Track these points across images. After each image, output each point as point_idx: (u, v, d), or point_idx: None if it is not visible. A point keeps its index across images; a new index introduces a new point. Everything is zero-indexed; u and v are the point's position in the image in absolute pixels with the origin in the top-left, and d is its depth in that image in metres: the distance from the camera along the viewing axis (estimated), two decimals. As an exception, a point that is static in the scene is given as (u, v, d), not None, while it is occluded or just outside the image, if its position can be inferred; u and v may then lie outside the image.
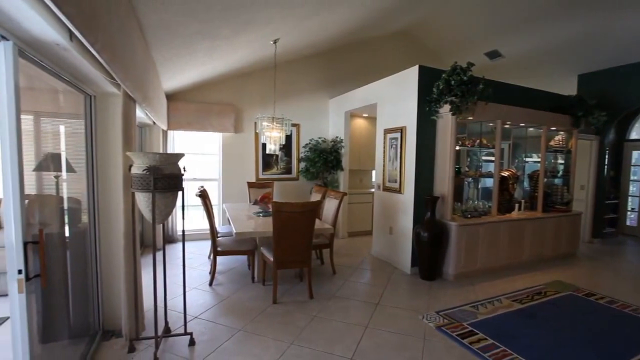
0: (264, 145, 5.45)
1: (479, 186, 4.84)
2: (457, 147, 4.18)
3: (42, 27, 1.33)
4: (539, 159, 4.97)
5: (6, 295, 3.45)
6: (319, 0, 3.68)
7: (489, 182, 4.65)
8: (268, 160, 6.06)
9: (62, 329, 2.19)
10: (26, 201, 1.49)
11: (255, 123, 5.64)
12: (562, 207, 5.10)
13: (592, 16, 4.83)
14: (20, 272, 1.40)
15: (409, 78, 4.25)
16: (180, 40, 3.33)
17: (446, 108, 3.97)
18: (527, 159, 5.30)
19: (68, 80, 2.07)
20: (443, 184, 4.15)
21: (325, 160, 5.82)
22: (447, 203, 4.09)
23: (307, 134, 6.26)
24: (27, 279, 1.42)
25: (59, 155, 2.29)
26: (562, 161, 5.54)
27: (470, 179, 4.68)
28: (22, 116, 1.44)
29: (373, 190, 5.64)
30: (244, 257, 4.62)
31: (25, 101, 1.50)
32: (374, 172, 6.48)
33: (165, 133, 5.35)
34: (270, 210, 3.52)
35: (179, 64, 4.07)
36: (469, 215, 4.26)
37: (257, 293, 3.58)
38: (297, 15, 3.90)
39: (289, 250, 3.34)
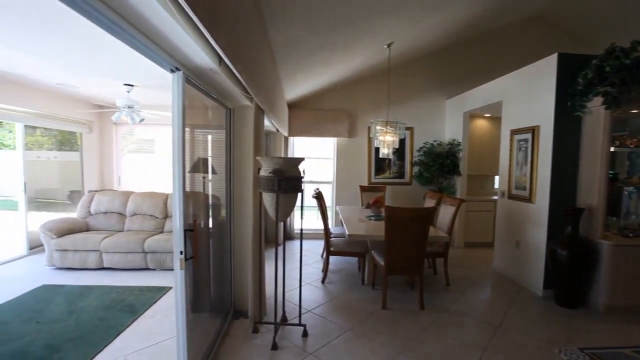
0: (376, 149, 5.47)
1: (647, 198, 3.83)
2: (612, 148, 3.40)
3: (201, 57, 1.65)
4: None
5: (170, 269, 4.34)
6: (437, -3, 3.52)
7: (662, 194, 3.64)
8: (380, 164, 6.07)
9: (205, 303, 2.64)
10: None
11: (369, 127, 5.75)
12: None
13: None
14: (181, 253, 1.75)
15: (545, 69, 3.67)
16: (301, 54, 3.64)
17: (597, 101, 3.27)
18: None
19: (215, 98, 2.50)
20: (590, 193, 3.43)
21: (440, 165, 5.50)
22: (597, 217, 3.36)
23: (421, 137, 6.03)
24: (186, 259, 1.78)
25: (206, 160, 2.79)
26: None
27: (632, 187, 3.74)
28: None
29: (496, 197, 5.06)
30: (355, 259, 4.73)
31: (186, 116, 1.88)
32: (497, 178, 5.81)
33: (286, 139, 5.91)
34: (383, 214, 3.51)
35: (299, 76, 4.45)
36: (631, 235, 3.41)
37: (366, 296, 3.63)
38: (413, 18, 3.81)
39: (400, 256, 3.28)
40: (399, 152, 5.93)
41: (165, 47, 1.53)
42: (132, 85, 4.10)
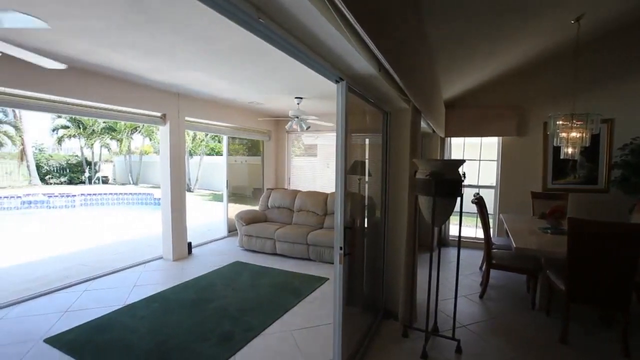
0: (555, 148, 4.55)
1: None
2: None
3: (362, 65, 1.76)
4: None
5: (327, 262, 4.76)
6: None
7: None
8: (561, 167, 5.00)
9: (359, 299, 2.78)
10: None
11: (545, 123, 4.84)
12: None
13: None
14: (341, 248, 1.91)
15: None
16: (459, 49, 3.38)
17: None
18: None
19: (373, 102, 2.61)
20: None
21: (659, 168, 4.09)
22: None
23: (625, 132, 4.63)
24: (345, 254, 1.93)
25: (363, 162, 2.94)
26: None
27: None
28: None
29: None
30: (522, 277, 4.06)
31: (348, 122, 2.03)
32: None
33: (442, 140, 5.60)
34: (564, 227, 2.90)
35: (457, 73, 4.15)
36: None
37: (537, 323, 3.06)
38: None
39: (590, 282, 2.62)
40: (589, 151, 4.72)
41: (330, 60, 1.71)
42: (301, 98, 4.73)
